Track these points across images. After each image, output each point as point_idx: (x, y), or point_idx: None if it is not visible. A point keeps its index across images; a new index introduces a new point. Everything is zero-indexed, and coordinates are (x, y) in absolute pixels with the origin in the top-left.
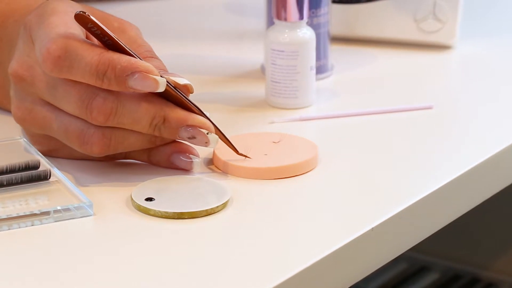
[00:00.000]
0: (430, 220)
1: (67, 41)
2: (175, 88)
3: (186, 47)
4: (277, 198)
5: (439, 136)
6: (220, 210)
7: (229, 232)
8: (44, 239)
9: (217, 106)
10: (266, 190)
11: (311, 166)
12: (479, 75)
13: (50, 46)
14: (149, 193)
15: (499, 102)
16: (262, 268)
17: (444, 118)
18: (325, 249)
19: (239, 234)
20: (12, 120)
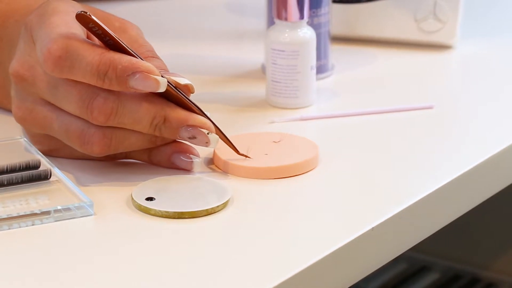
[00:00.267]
0: (430, 220)
1: (68, 41)
2: (176, 88)
3: (186, 47)
4: (278, 197)
5: (439, 136)
6: (220, 210)
7: (229, 231)
8: (45, 239)
9: (217, 106)
10: (267, 190)
11: (312, 166)
12: (480, 75)
13: (51, 46)
14: (150, 192)
15: (500, 102)
16: (263, 268)
17: (445, 118)
18: (325, 249)
19: (239, 233)
20: (13, 120)
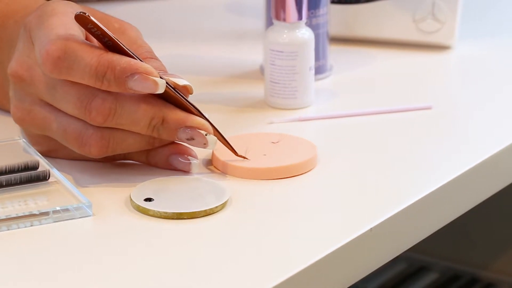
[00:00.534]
0: (429, 220)
1: (66, 43)
2: (174, 89)
3: (185, 48)
4: (276, 198)
5: (438, 137)
6: (219, 211)
7: (228, 232)
8: (43, 240)
9: (216, 107)
10: (265, 190)
11: (310, 166)
12: (478, 75)
13: (49, 47)
14: (148, 193)
15: (498, 102)
16: (261, 268)
17: (443, 118)
18: (324, 249)
19: (238, 234)
20: (11, 120)
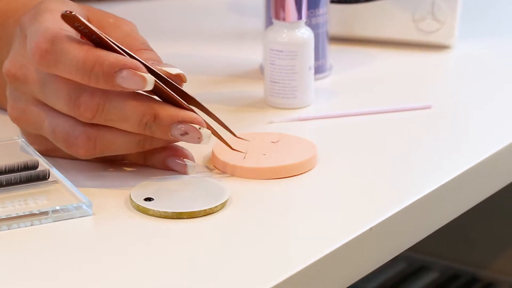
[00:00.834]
0: (429, 219)
1: (55, 36)
2: (165, 83)
3: (185, 47)
4: (276, 198)
5: (437, 136)
6: (219, 210)
7: (228, 232)
8: (44, 239)
9: (216, 106)
10: (265, 190)
11: (310, 166)
12: (478, 75)
13: (38, 40)
14: (148, 193)
15: (498, 102)
16: (261, 268)
17: (443, 118)
18: (324, 248)
19: (238, 234)
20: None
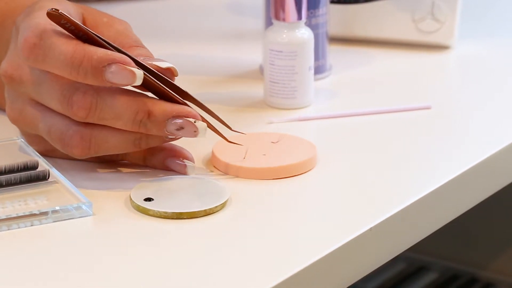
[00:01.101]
0: (429, 220)
1: (43, 30)
2: (156, 79)
3: (184, 47)
4: (276, 198)
5: (437, 136)
6: (219, 210)
7: (228, 232)
8: (44, 240)
9: (215, 106)
10: (265, 190)
11: (310, 166)
12: (478, 75)
13: (27, 34)
14: (148, 193)
15: (498, 102)
16: (261, 268)
17: (442, 118)
18: (323, 249)
19: (238, 234)
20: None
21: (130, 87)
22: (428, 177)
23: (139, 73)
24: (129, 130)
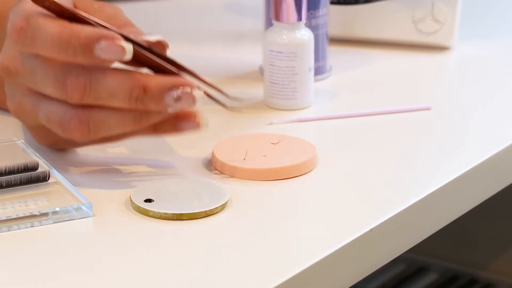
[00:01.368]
0: (429, 221)
1: (30, 14)
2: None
3: (184, 48)
4: (276, 199)
5: (437, 137)
6: (219, 212)
7: (228, 233)
8: (44, 241)
9: (216, 107)
10: (265, 191)
11: (310, 167)
12: (478, 76)
13: (14, 19)
14: (148, 194)
15: (498, 103)
16: (261, 269)
17: (443, 119)
18: (324, 250)
19: (238, 235)
20: (10, 121)
21: (125, 67)
22: (428, 178)
23: (129, 47)
24: (127, 107)
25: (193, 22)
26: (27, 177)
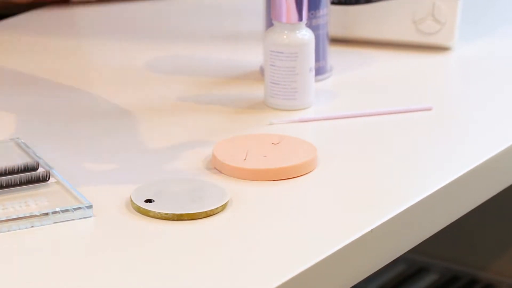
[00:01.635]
0: (429, 221)
1: None
2: None
3: (185, 48)
4: (276, 199)
5: (438, 138)
6: (219, 212)
7: (228, 233)
8: (44, 241)
9: (216, 108)
10: (265, 192)
11: (310, 167)
12: (478, 76)
13: None
14: (149, 194)
15: (498, 103)
16: (261, 270)
17: (443, 119)
18: (324, 250)
19: (238, 235)
20: (10, 121)
21: None
22: (429, 178)
23: None
24: None
25: (193, 22)
26: (27, 177)
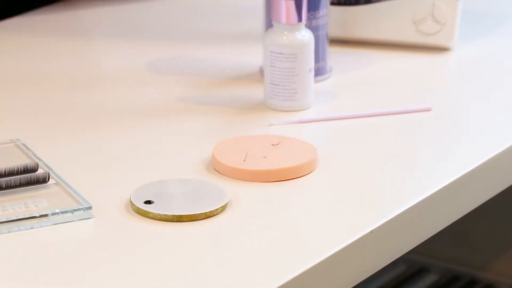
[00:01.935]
0: (429, 222)
1: None
2: None
3: (184, 49)
4: (276, 200)
5: (438, 138)
6: (219, 213)
7: (228, 234)
8: (44, 242)
9: (215, 108)
10: (265, 193)
11: (310, 168)
12: (478, 77)
13: None
14: (148, 196)
15: (498, 103)
16: (261, 271)
17: (443, 120)
18: (324, 251)
19: (238, 236)
20: (10, 121)
21: None
22: (429, 179)
23: None
24: None
25: (193, 23)
26: (27, 179)
